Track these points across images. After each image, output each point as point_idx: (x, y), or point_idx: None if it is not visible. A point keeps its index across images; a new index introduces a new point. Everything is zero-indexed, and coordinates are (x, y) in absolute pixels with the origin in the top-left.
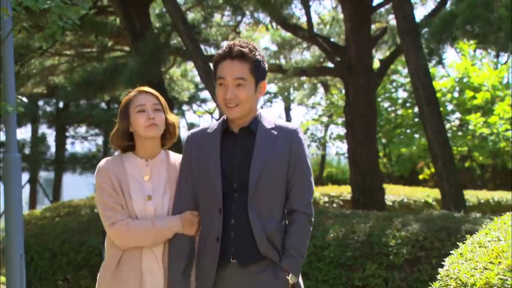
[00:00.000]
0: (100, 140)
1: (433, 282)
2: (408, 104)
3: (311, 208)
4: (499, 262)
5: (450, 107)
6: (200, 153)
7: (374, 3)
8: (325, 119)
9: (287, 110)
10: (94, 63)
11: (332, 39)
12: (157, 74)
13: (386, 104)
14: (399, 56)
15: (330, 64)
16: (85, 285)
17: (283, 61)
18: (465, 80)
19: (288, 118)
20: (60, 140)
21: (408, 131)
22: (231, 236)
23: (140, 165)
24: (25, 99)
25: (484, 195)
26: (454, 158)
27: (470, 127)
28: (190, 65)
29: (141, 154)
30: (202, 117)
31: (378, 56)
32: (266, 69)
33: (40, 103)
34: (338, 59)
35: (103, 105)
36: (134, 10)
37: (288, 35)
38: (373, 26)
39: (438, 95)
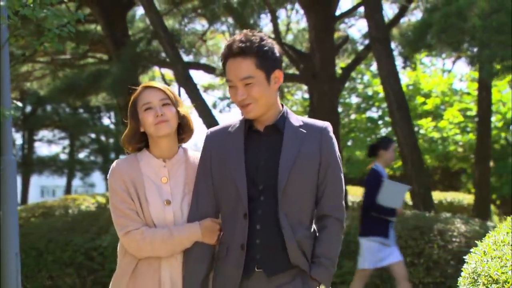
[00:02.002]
0: (66, 143)
1: (459, 280)
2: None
3: (344, 212)
4: None
5: None
6: (221, 153)
7: (337, 13)
8: None
9: None
10: (68, 70)
11: (296, 47)
12: (136, 80)
13: (340, 109)
14: (359, 63)
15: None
16: (69, 282)
17: None
18: (410, 87)
19: None
20: (28, 144)
21: (362, 135)
22: (257, 243)
23: (157, 166)
24: (19, 104)
25: (437, 196)
26: (423, 160)
27: (421, 131)
28: (158, 71)
29: (157, 154)
30: None
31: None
32: (278, 55)
33: None
34: (303, 66)
35: (68, 110)
36: (113, 18)
37: None
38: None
39: None
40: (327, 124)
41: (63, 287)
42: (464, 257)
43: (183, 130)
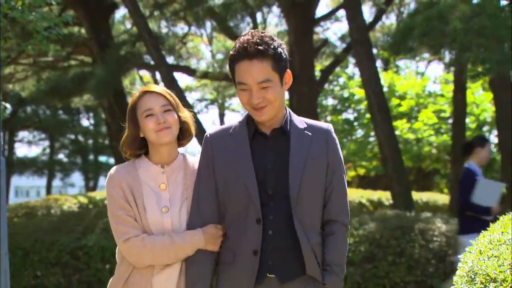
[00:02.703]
0: (46, 144)
1: (454, 278)
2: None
3: (349, 216)
4: None
5: None
6: (226, 157)
7: (317, 16)
8: None
9: (221, 116)
10: (50, 72)
11: None
12: (120, 82)
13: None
14: (338, 66)
15: None
16: (55, 281)
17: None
18: (385, 89)
19: (222, 124)
20: (9, 145)
21: (338, 136)
22: (269, 248)
23: (156, 173)
24: (8, 105)
25: (413, 196)
26: (403, 161)
27: (397, 132)
28: (136, 73)
29: (156, 160)
30: None
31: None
32: (287, 56)
33: None
34: None
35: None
36: (97, 20)
37: (232, 45)
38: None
39: (366, 102)
40: (330, 126)
41: (49, 286)
42: (460, 257)
43: (183, 135)
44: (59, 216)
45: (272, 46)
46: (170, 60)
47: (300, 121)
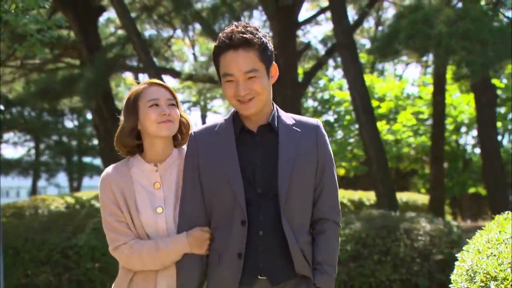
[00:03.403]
0: (31, 145)
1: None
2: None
3: (340, 214)
4: None
5: None
6: (211, 155)
7: (300, 20)
8: None
9: (203, 118)
10: (37, 74)
11: None
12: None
13: None
14: (320, 68)
15: None
16: (45, 280)
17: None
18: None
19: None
20: None
21: None
22: (260, 249)
23: (149, 171)
24: (2, 107)
25: None
26: (387, 162)
27: None
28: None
29: (149, 157)
30: None
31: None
32: (272, 49)
33: None
34: None
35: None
36: (86, 24)
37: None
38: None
39: (346, 104)
40: (319, 121)
41: (39, 284)
42: (458, 257)
43: (181, 135)
44: (49, 216)
45: (257, 36)
46: (155, 62)
47: (288, 117)
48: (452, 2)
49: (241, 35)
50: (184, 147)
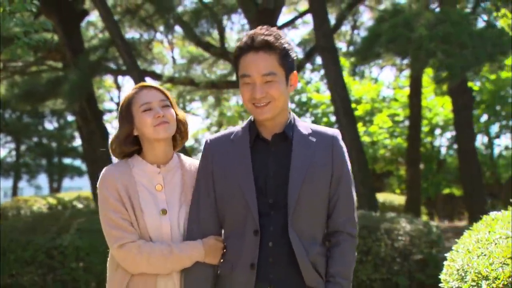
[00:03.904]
0: (11, 146)
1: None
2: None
3: (356, 226)
4: None
5: (333, 118)
6: (225, 164)
7: (279, 24)
8: (215, 128)
9: None
10: (20, 77)
11: None
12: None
13: None
14: (299, 71)
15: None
16: (30, 280)
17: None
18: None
19: None
20: None
21: None
22: (269, 261)
23: (151, 173)
24: None
25: None
26: (367, 163)
27: None
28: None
29: (151, 159)
30: None
31: None
32: (295, 58)
33: None
34: None
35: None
36: (70, 27)
37: (196, 51)
38: None
39: (323, 107)
40: (337, 132)
41: (24, 284)
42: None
43: (179, 135)
44: (34, 217)
45: (280, 41)
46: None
47: (305, 127)
48: (431, 6)
49: (263, 37)
50: (183, 155)
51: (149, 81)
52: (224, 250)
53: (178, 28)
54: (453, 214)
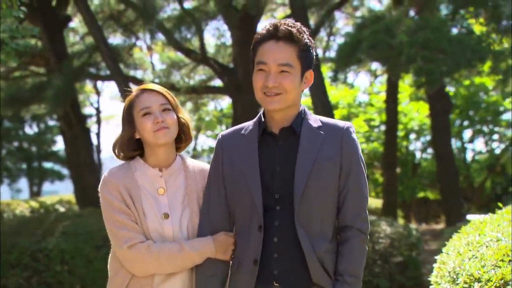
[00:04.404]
0: None
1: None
2: None
3: (367, 222)
4: (510, 261)
5: None
6: (233, 159)
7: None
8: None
9: None
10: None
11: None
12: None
13: None
14: None
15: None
16: (15, 283)
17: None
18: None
19: None
20: None
21: None
22: (274, 257)
23: (153, 176)
24: None
25: None
26: None
27: None
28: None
29: (152, 162)
30: None
31: None
32: (315, 56)
33: None
34: (227, 79)
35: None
36: (54, 33)
37: (176, 56)
38: None
39: None
40: (349, 124)
41: (9, 287)
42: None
43: (182, 138)
44: (19, 220)
45: (302, 35)
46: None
47: (315, 120)
48: (410, 13)
49: (287, 27)
50: (188, 158)
51: (133, 87)
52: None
53: (157, 34)
54: (428, 217)
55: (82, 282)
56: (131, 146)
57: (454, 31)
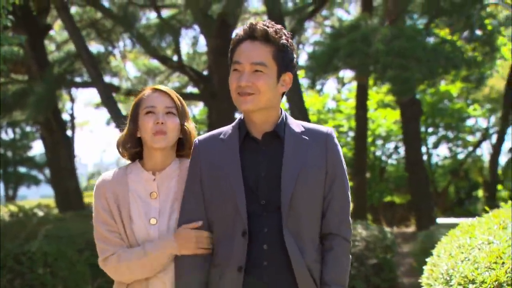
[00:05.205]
0: None
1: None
2: None
3: (351, 229)
4: (503, 263)
5: None
6: (214, 164)
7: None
8: None
9: None
10: None
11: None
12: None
13: None
14: None
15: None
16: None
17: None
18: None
19: None
20: None
21: None
22: (264, 265)
23: (146, 180)
24: None
25: None
26: None
27: None
28: None
29: (149, 166)
30: None
31: None
32: (294, 59)
33: None
34: (202, 86)
35: None
36: (35, 41)
37: (152, 64)
38: None
39: None
40: (331, 130)
41: None
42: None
43: (184, 146)
44: (2, 223)
45: (279, 35)
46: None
47: (297, 125)
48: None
49: (264, 27)
50: (185, 159)
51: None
52: (214, 256)
53: (136, 42)
54: (393, 221)
55: (64, 284)
56: (133, 144)
57: (429, 40)
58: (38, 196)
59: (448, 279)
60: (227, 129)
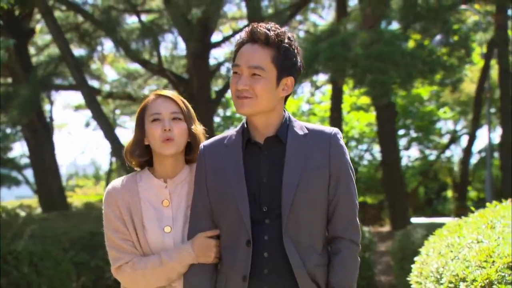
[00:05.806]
0: None
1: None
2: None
3: (359, 232)
4: (493, 261)
5: None
6: (218, 170)
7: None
8: None
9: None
10: None
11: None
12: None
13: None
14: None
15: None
16: None
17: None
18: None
19: None
20: None
21: None
22: (264, 273)
23: (158, 187)
24: None
25: None
26: None
27: None
28: None
29: (159, 173)
30: None
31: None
32: (298, 63)
33: None
34: (182, 89)
35: None
36: (21, 45)
37: (130, 67)
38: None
39: None
40: (336, 130)
41: None
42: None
43: (192, 150)
44: None
45: (282, 39)
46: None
47: (301, 127)
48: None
49: (264, 30)
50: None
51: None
52: (220, 263)
53: (110, 45)
54: (365, 221)
55: (49, 282)
56: (140, 152)
57: (406, 44)
58: (13, 197)
59: (438, 278)
60: (231, 133)
